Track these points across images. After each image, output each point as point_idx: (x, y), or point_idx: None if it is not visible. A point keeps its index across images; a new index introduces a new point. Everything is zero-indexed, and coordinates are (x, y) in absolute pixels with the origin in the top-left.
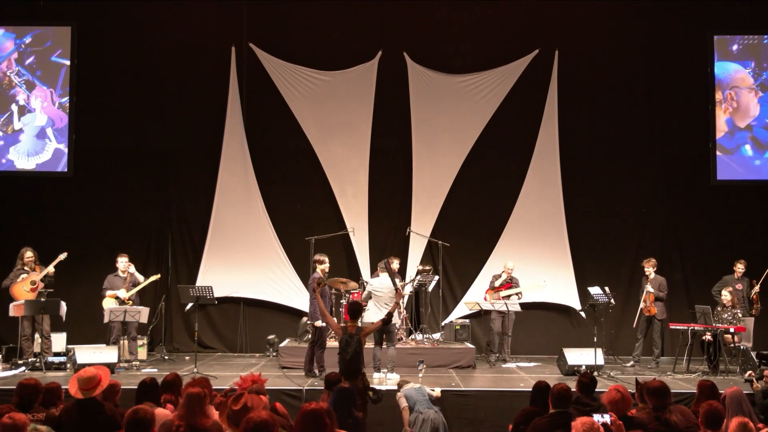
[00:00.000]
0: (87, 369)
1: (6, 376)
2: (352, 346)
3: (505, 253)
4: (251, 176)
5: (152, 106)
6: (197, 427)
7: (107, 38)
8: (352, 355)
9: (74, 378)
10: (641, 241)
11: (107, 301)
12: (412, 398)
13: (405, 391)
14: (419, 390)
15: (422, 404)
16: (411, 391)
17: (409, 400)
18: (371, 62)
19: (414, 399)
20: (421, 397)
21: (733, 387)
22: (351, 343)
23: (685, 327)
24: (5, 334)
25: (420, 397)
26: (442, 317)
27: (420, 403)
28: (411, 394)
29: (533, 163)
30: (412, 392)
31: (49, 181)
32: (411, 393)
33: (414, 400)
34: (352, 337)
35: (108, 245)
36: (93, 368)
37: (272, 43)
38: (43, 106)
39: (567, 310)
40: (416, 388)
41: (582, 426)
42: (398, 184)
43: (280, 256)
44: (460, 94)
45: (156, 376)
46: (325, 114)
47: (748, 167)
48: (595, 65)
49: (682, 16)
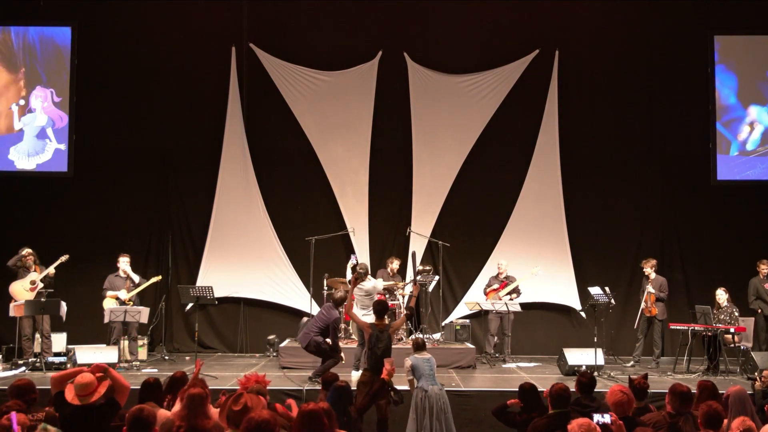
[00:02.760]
0: (84, 375)
1: (6, 376)
2: (383, 342)
3: (505, 254)
4: (251, 176)
5: (152, 106)
6: (198, 427)
7: (107, 38)
8: (383, 351)
9: (70, 384)
10: (641, 241)
11: (108, 301)
12: (418, 369)
13: (414, 360)
14: (428, 361)
15: (428, 379)
16: (419, 361)
17: (416, 371)
18: (371, 62)
19: (420, 371)
20: (429, 370)
21: (736, 386)
22: (381, 338)
23: (685, 327)
24: (5, 334)
25: (427, 371)
26: (442, 317)
27: (426, 377)
28: (419, 364)
29: (533, 163)
30: (420, 362)
31: (49, 181)
32: (419, 363)
33: (420, 372)
34: (383, 333)
35: (108, 245)
36: (90, 374)
37: (272, 43)
38: (43, 106)
39: (567, 310)
40: (425, 359)
41: (579, 428)
42: (398, 184)
43: (280, 256)
44: (460, 94)
45: (156, 376)
46: (325, 114)
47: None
48: (595, 65)
49: (682, 16)
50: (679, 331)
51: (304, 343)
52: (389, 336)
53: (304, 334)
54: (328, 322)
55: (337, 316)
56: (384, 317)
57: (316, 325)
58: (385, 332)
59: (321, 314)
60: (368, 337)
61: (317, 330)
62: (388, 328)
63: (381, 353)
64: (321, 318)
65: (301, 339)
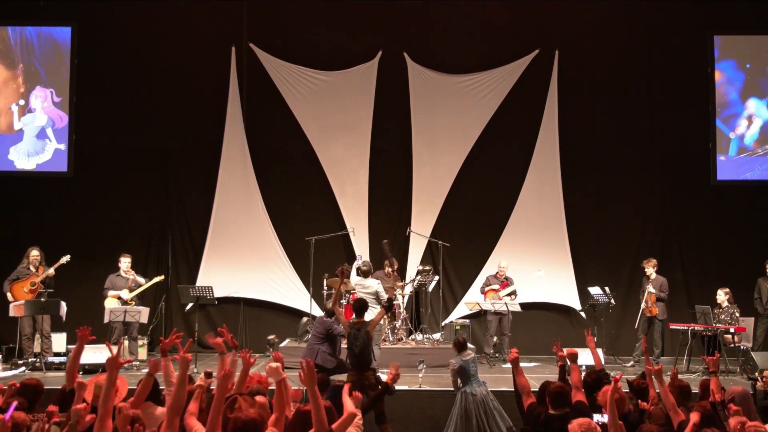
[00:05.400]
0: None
1: (6, 376)
2: (360, 340)
3: (505, 253)
4: (251, 176)
5: (152, 106)
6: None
7: (107, 38)
8: (361, 348)
9: (90, 382)
10: (641, 241)
11: (109, 300)
12: (466, 372)
13: (460, 362)
14: (474, 362)
15: (475, 381)
16: (468, 364)
17: (462, 374)
18: (371, 62)
19: (468, 374)
20: (474, 371)
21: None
22: (359, 336)
23: (685, 327)
24: (5, 334)
25: (473, 371)
26: (442, 317)
27: (474, 379)
28: (466, 366)
29: (533, 163)
30: (467, 364)
31: (49, 181)
32: (466, 366)
33: (468, 375)
34: (360, 331)
35: (108, 245)
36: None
37: (272, 43)
38: (43, 106)
39: (567, 310)
40: (471, 360)
41: (579, 427)
42: (398, 184)
43: (280, 256)
44: (460, 94)
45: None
46: (325, 114)
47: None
48: (595, 65)
49: (682, 16)
50: (679, 331)
51: (313, 357)
52: (367, 333)
53: (309, 351)
54: (325, 331)
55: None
56: (362, 315)
57: (316, 337)
58: (362, 330)
59: (316, 327)
60: (346, 335)
61: (319, 341)
62: (366, 325)
63: (359, 351)
64: (317, 330)
65: (309, 356)
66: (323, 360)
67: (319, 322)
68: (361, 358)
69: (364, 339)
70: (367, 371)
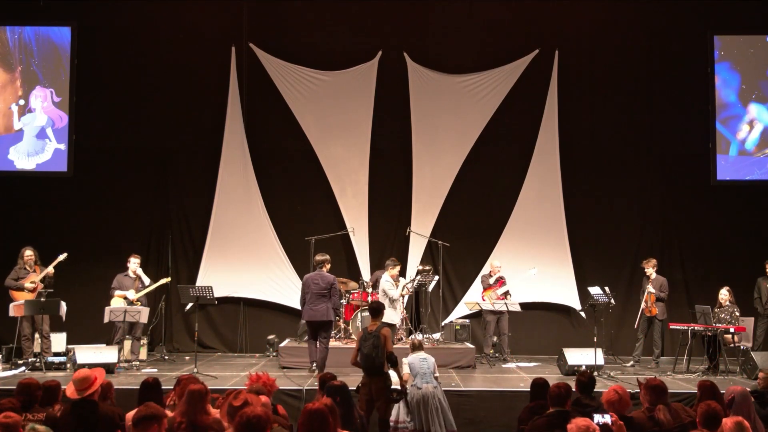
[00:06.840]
0: (81, 370)
1: (6, 376)
2: (369, 341)
3: (505, 254)
4: (251, 176)
5: (152, 106)
6: (198, 423)
7: (107, 38)
8: (369, 350)
9: (71, 381)
10: (641, 241)
11: (116, 300)
12: (414, 368)
13: (410, 360)
14: (425, 360)
15: (424, 377)
16: (415, 360)
17: (412, 370)
18: (371, 62)
19: (416, 370)
20: (425, 369)
21: (738, 387)
22: (368, 338)
23: (685, 327)
24: (5, 334)
25: (423, 369)
26: (442, 317)
27: (421, 376)
28: (415, 363)
29: (533, 162)
30: (416, 362)
31: (49, 181)
32: (415, 362)
33: (416, 371)
34: (371, 334)
35: (108, 245)
36: (87, 369)
37: (272, 43)
38: (43, 106)
39: (567, 310)
40: (422, 358)
41: (577, 428)
42: (398, 184)
43: (280, 256)
44: (460, 94)
45: (156, 375)
46: (325, 114)
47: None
48: (595, 65)
49: (682, 16)
50: (679, 331)
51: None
52: (377, 336)
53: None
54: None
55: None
56: (378, 317)
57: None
58: (374, 333)
59: (316, 283)
60: (358, 338)
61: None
62: (378, 331)
63: (367, 351)
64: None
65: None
66: (329, 316)
67: (318, 277)
68: (369, 361)
69: (372, 341)
70: (377, 376)
